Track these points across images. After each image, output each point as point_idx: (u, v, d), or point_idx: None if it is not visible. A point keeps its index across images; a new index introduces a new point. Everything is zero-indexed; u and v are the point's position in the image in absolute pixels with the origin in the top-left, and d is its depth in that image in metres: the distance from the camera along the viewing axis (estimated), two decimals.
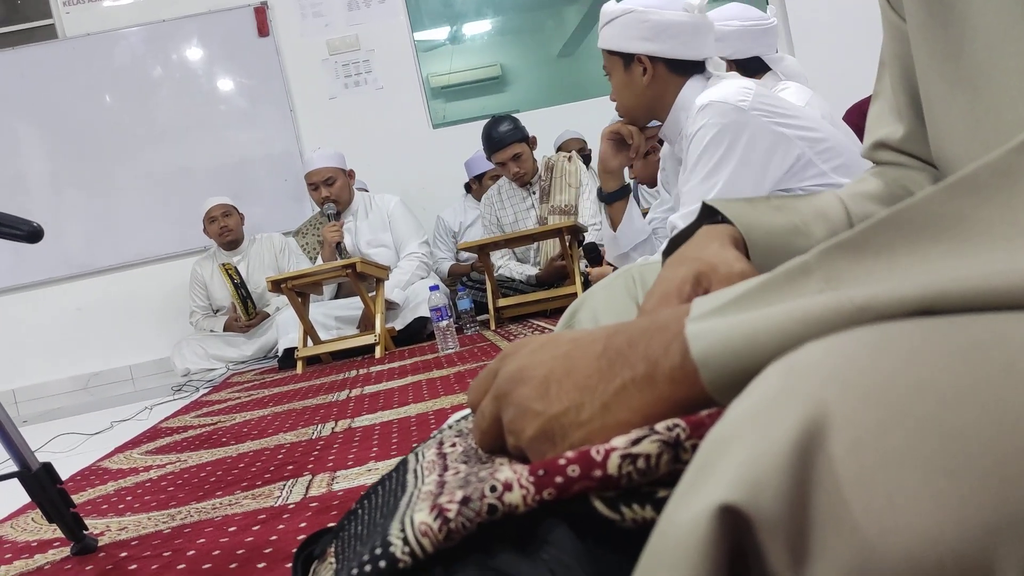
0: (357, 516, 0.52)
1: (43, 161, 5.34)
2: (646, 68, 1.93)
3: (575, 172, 4.34)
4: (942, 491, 0.25)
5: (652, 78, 1.94)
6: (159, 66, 5.40)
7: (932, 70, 0.60)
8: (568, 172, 4.34)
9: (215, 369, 4.68)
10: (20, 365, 5.25)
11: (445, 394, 2.31)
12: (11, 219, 1.25)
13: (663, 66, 1.94)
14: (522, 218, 4.41)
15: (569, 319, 0.98)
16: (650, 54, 1.92)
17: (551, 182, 4.35)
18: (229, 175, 5.36)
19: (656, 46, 1.91)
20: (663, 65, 1.93)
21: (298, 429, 2.25)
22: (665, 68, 1.94)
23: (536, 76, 5.91)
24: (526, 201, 4.42)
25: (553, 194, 4.33)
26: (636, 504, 0.36)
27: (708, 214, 0.73)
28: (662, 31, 1.90)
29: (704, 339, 0.37)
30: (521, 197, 4.42)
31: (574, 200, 4.29)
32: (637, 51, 1.92)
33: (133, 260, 5.38)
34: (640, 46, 1.92)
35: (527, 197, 4.41)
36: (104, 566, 1.30)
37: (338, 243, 4.24)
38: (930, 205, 0.33)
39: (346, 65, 5.48)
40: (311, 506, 1.41)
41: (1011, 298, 0.29)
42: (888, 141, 0.73)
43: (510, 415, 0.45)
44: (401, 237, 4.56)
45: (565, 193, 4.31)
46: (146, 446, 2.52)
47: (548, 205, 4.32)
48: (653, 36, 1.91)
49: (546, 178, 4.37)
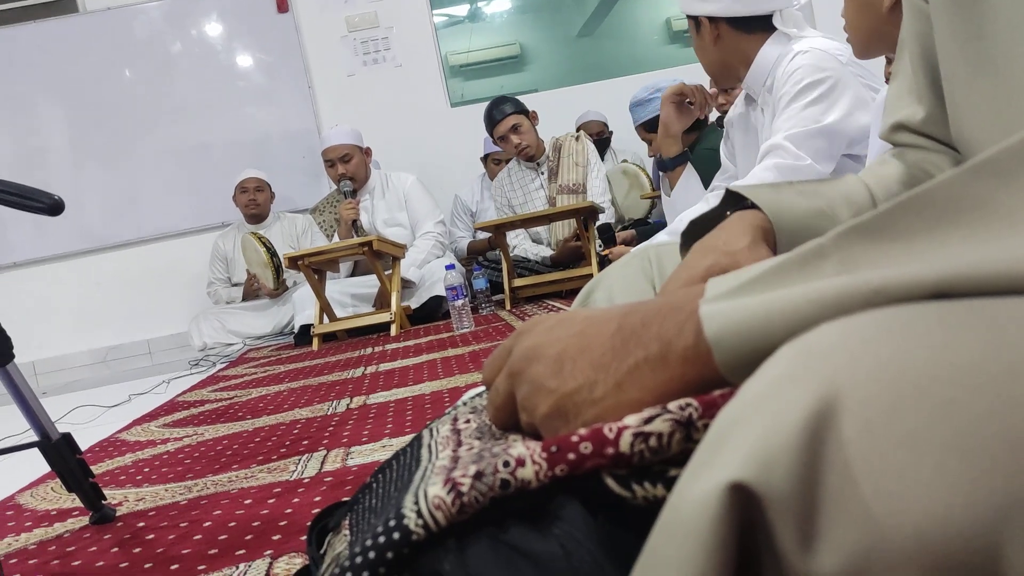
0: (371, 490, 0.52)
1: (63, 135, 5.36)
2: (711, 29, 1.98)
3: (582, 151, 4.34)
4: (953, 473, 0.25)
5: (718, 37, 1.99)
6: (178, 41, 5.40)
7: (954, 51, 0.59)
8: (575, 151, 4.34)
9: (232, 344, 4.71)
10: (40, 337, 5.30)
11: (460, 373, 2.32)
12: (33, 191, 1.26)
13: (726, 25, 1.98)
14: (531, 199, 4.41)
15: (584, 299, 0.98)
16: (710, 15, 1.97)
17: (559, 161, 4.36)
18: (247, 151, 5.37)
19: (714, 6, 1.96)
20: (725, 24, 1.98)
21: (313, 405, 2.27)
22: (729, 27, 1.98)
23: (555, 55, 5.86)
24: (534, 182, 4.41)
25: (561, 173, 4.33)
26: (647, 482, 0.36)
27: (732, 199, 0.72)
28: None
29: (718, 320, 0.37)
30: (530, 178, 4.42)
31: (582, 179, 4.30)
32: (699, 13, 1.98)
33: (152, 235, 5.41)
34: (701, 7, 1.98)
35: (535, 178, 4.41)
36: (122, 535, 1.32)
37: (354, 221, 4.25)
38: (949, 188, 0.33)
39: (365, 42, 5.46)
40: (326, 480, 1.42)
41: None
42: (908, 123, 0.73)
43: (524, 392, 0.45)
44: (417, 216, 4.56)
45: (573, 172, 4.31)
46: (163, 419, 2.55)
47: (556, 184, 4.33)
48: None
49: (554, 158, 4.38)
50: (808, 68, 1.86)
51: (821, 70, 1.85)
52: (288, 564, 1.04)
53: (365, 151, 4.54)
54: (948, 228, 0.32)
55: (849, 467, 0.26)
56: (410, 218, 4.57)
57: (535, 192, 4.41)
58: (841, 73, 1.86)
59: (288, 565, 1.04)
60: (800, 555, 0.26)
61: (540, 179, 4.41)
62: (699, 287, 0.40)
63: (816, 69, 1.85)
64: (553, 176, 4.36)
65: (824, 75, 1.85)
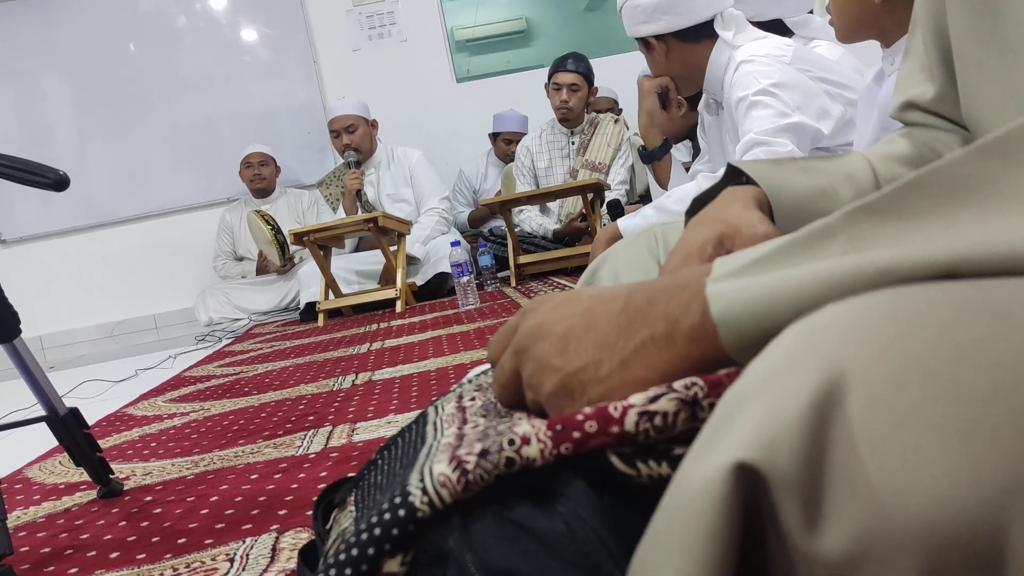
0: (377, 466, 0.53)
1: (68, 110, 5.35)
2: (660, 46, 2.07)
3: (617, 134, 4.40)
4: (957, 452, 0.25)
5: (668, 52, 2.07)
6: (183, 15, 5.38)
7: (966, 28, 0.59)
8: (611, 132, 4.40)
9: (239, 320, 4.73)
10: (47, 312, 5.33)
11: (465, 349, 2.33)
12: (38, 167, 1.26)
13: (673, 40, 2.06)
14: (556, 165, 4.44)
15: (590, 277, 0.98)
16: (655, 34, 2.06)
17: (592, 136, 4.39)
18: (252, 126, 5.36)
19: (656, 25, 2.05)
20: (672, 39, 2.05)
21: (319, 381, 2.28)
22: (676, 41, 2.06)
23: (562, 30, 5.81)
24: (564, 150, 4.44)
25: (591, 148, 4.37)
26: (652, 461, 0.36)
27: (733, 175, 0.72)
28: (654, 11, 2.03)
29: (724, 299, 0.37)
30: (560, 144, 4.45)
31: (608, 160, 4.33)
32: (645, 34, 2.06)
33: (158, 210, 5.41)
34: (646, 29, 2.06)
35: (566, 145, 4.44)
36: (129, 509, 1.33)
37: (358, 191, 4.24)
38: (958, 168, 0.32)
39: (370, 16, 5.43)
40: (331, 456, 1.43)
41: None
42: (918, 101, 0.72)
43: (529, 370, 0.45)
44: (422, 192, 4.55)
45: (602, 151, 4.36)
46: (170, 394, 2.56)
47: (583, 158, 4.36)
48: (649, 17, 2.04)
49: (588, 132, 4.41)
50: (751, 79, 1.91)
51: (766, 76, 1.89)
52: (294, 538, 1.05)
53: (371, 123, 4.53)
54: (956, 208, 0.32)
55: (854, 444, 0.26)
56: (415, 193, 4.56)
57: (561, 160, 4.44)
58: (785, 76, 1.90)
59: (294, 539, 1.05)
60: (805, 536, 0.26)
61: (570, 148, 4.45)
62: (706, 266, 0.40)
63: (758, 79, 1.90)
64: (583, 149, 4.40)
65: (769, 82, 1.88)
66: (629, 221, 2.05)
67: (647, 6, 2.03)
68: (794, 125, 1.84)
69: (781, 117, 1.84)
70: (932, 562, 0.24)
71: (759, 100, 1.88)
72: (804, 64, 1.93)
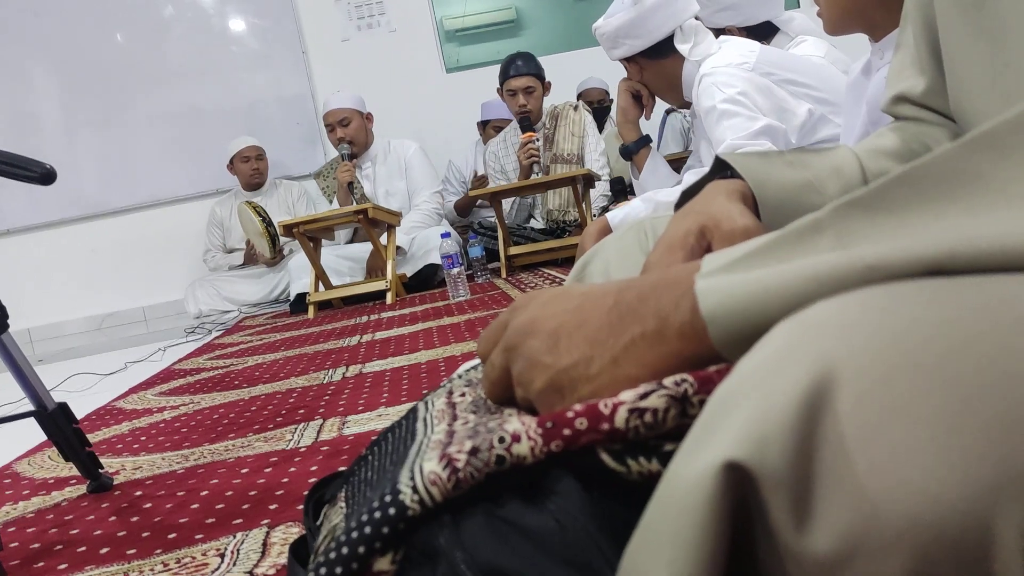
0: (367, 462, 0.52)
1: (55, 101, 5.31)
2: (633, 66, 2.25)
3: (579, 121, 4.35)
4: (946, 449, 0.25)
5: (643, 70, 2.25)
6: (170, 5, 5.34)
7: (954, 20, 0.59)
8: (573, 121, 4.34)
9: (228, 312, 4.71)
10: (35, 305, 5.30)
11: (455, 341, 2.33)
12: (25, 160, 1.25)
13: (643, 58, 2.23)
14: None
15: (580, 271, 0.98)
16: (624, 56, 2.23)
17: (555, 130, 4.34)
18: (241, 117, 5.33)
19: (623, 49, 2.21)
20: (642, 58, 2.22)
21: (309, 373, 2.28)
22: (646, 59, 2.22)
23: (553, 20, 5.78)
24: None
25: (557, 142, 4.33)
26: (643, 457, 0.36)
27: (720, 168, 0.72)
28: (616, 35, 2.19)
29: (713, 296, 0.37)
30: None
31: (577, 149, 4.30)
32: (619, 57, 2.24)
33: (146, 201, 5.38)
34: (619, 52, 2.22)
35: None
36: (119, 504, 1.33)
37: (350, 183, 4.23)
38: (947, 162, 0.32)
39: (359, 6, 5.40)
40: (322, 450, 1.43)
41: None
42: (909, 95, 0.72)
43: (519, 367, 0.45)
44: (415, 185, 4.54)
45: (569, 142, 4.32)
46: (160, 387, 2.56)
47: (552, 153, 4.31)
48: (615, 43, 2.21)
49: (550, 126, 4.36)
50: (714, 90, 2.01)
51: (729, 86, 1.98)
52: (285, 533, 1.05)
53: (366, 116, 4.51)
54: (945, 203, 0.32)
55: (844, 443, 0.26)
56: (408, 186, 4.55)
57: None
58: (746, 84, 1.99)
59: (285, 534, 1.05)
60: (794, 534, 0.26)
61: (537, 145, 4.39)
62: (696, 262, 0.40)
63: (722, 89, 1.99)
64: (549, 144, 4.35)
65: (734, 91, 1.98)
66: (618, 214, 2.07)
67: (611, 33, 2.18)
68: (766, 128, 1.92)
69: (752, 122, 1.93)
70: (921, 559, 0.24)
71: (727, 109, 1.97)
72: (768, 67, 2.04)
